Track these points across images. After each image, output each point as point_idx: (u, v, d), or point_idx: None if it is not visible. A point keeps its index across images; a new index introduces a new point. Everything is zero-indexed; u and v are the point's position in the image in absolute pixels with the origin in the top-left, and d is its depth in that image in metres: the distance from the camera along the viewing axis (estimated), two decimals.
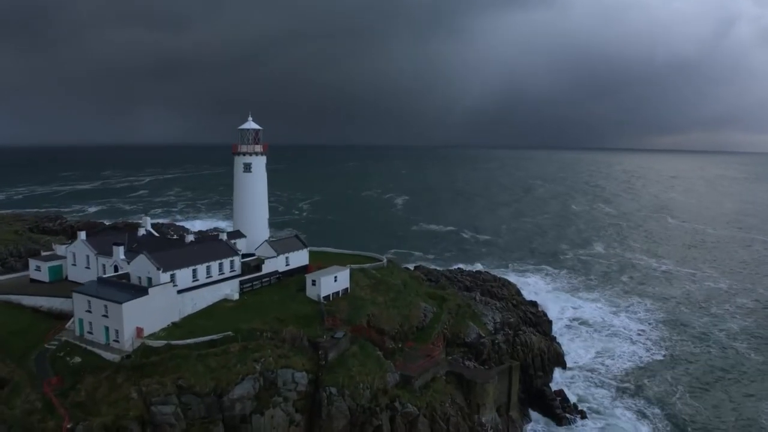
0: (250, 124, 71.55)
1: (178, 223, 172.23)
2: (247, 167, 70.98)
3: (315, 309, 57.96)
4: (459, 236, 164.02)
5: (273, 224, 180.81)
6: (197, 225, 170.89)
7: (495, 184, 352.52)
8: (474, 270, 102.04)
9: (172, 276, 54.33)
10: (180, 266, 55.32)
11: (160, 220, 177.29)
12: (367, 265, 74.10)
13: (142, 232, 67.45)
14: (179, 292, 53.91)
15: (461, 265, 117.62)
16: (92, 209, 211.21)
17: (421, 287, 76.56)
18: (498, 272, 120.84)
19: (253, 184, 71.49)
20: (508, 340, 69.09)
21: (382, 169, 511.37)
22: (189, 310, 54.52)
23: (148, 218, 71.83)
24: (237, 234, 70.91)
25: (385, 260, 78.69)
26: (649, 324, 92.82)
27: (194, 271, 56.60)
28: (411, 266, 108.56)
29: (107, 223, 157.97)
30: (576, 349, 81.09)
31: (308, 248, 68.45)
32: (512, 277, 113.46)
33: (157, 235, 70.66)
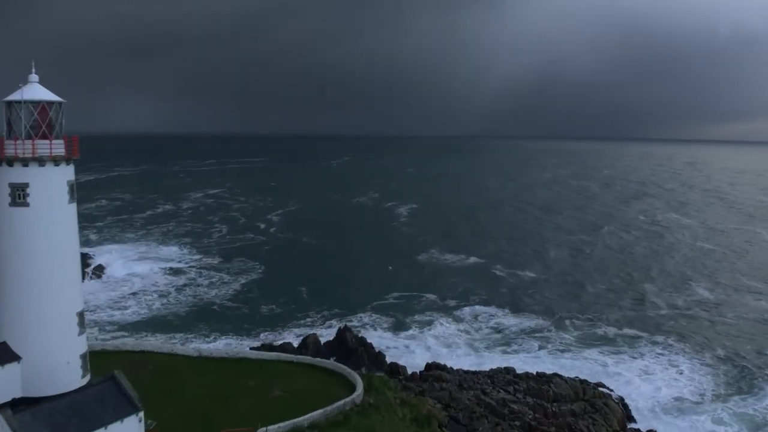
0: (31, 91, 34.32)
1: (84, 250, 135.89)
2: (20, 193, 33.61)
3: None
4: (490, 274, 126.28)
5: (219, 250, 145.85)
6: (110, 257, 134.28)
7: (529, 187, 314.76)
8: (533, 371, 63.83)
9: None
10: None
11: None
12: (314, 414, 36.89)
13: None
14: None
15: (501, 348, 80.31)
16: None
17: None
18: (562, 345, 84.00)
19: (38, 233, 34.13)
20: None
21: (384, 166, 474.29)
22: None
23: None
24: None
25: (359, 388, 41.44)
26: None
27: None
28: (418, 360, 71.98)
29: None
30: None
31: (141, 411, 30.33)
32: (590, 362, 76.50)
33: None
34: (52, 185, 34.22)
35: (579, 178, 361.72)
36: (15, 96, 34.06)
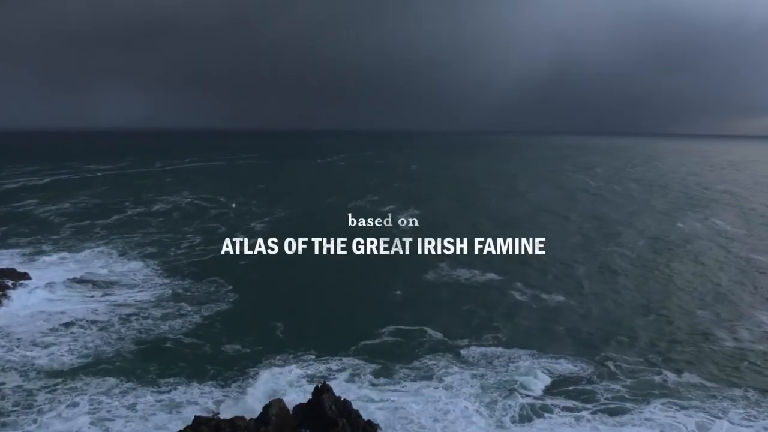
0: None
1: (21, 268, 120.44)
2: None
3: None
4: (509, 297, 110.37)
5: (187, 267, 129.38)
6: (50, 275, 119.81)
7: (556, 188, 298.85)
8: None
9: None
10: None
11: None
12: None
13: None
14: None
15: (526, 409, 64.49)
16: None
17: None
18: (611, 400, 67.90)
19: None
20: None
21: (385, 164, 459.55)
22: None
23: None
24: None
25: None
26: None
27: None
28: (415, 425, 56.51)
29: None
30: None
31: None
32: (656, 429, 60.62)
33: None
34: None
35: (612, 180, 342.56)
36: None
